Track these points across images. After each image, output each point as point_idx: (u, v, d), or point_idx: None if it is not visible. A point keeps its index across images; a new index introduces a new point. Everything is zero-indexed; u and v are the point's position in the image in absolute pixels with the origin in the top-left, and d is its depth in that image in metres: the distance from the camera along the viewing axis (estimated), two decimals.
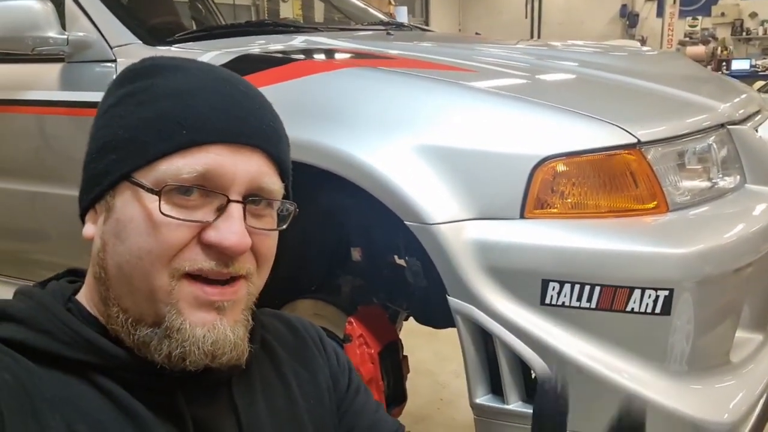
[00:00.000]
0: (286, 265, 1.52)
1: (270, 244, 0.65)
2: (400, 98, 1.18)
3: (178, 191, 0.59)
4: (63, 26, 1.55)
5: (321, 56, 1.45)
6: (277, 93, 1.25)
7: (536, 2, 12.38)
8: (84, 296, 0.65)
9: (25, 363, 0.57)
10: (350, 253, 1.45)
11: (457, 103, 1.18)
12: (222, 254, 0.60)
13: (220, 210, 0.60)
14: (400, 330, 1.91)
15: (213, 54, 1.40)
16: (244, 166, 0.61)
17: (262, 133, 0.64)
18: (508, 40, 2.04)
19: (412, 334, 2.07)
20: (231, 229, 0.59)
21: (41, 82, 1.59)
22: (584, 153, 1.07)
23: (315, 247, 1.51)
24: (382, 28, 2.10)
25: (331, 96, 1.22)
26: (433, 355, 2.72)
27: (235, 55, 1.38)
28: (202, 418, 0.63)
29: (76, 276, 0.69)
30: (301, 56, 1.41)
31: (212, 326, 0.60)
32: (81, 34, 1.54)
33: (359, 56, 1.48)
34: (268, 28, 1.72)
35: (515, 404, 1.10)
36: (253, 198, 0.62)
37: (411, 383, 1.50)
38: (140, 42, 1.53)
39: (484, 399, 1.12)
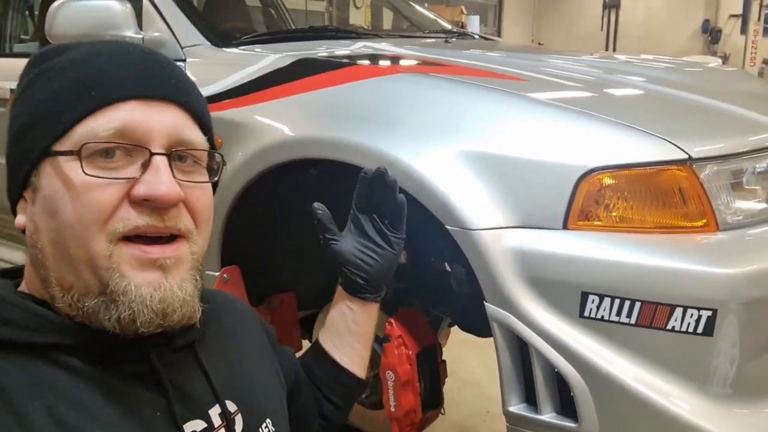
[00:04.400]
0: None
1: (205, 199, 0.66)
2: (449, 105, 1.20)
3: (99, 155, 0.59)
4: (139, 26, 1.65)
5: (376, 62, 1.48)
6: (331, 96, 1.31)
7: (613, 15, 12.08)
8: (26, 287, 0.65)
9: None
10: None
11: (505, 111, 1.18)
12: (155, 209, 0.60)
13: (145, 165, 0.60)
14: (447, 337, 1.92)
15: (274, 57, 1.46)
16: (160, 119, 0.62)
17: (172, 86, 0.64)
18: (575, 52, 2.01)
19: (462, 344, 2.07)
20: (158, 179, 0.60)
21: None
22: (632, 166, 1.05)
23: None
24: (442, 36, 2.12)
25: (381, 100, 1.25)
26: (482, 367, 2.69)
27: (295, 58, 1.43)
28: (177, 382, 0.65)
29: (4, 276, 0.68)
30: (357, 61, 1.44)
31: (158, 285, 0.60)
32: (155, 34, 1.63)
33: (413, 63, 1.50)
34: (330, 34, 1.78)
35: (548, 415, 1.09)
36: (177, 151, 0.63)
37: (458, 394, 1.50)
38: (208, 43, 1.61)
39: (517, 408, 1.12)
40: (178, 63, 1.59)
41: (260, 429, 0.73)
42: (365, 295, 1.00)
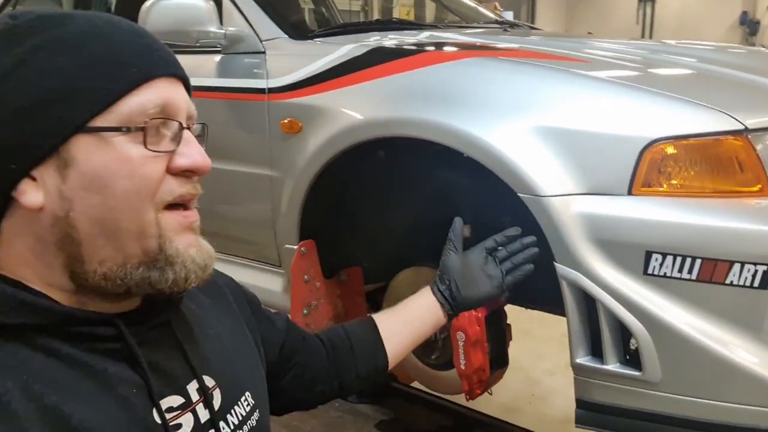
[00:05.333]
0: (402, 237, 1.70)
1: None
2: (519, 84, 1.31)
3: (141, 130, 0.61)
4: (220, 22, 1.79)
5: (445, 48, 1.60)
6: (408, 80, 1.43)
7: (649, 7, 11.97)
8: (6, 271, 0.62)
9: None
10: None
11: (572, 88, 1.29)
12: (189, 178, 0.65)
13: (176, 138, 0.64)
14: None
15: (350, 47, 1.59)
16: (182, 96, 0.66)
17: (177, 63, 0.68)
18: (623, 38, 2.11)
19: None
20: (194, 151, 0.65)
21: (202, 70, 1.84)
22: (692, 137, 1.15)
23: (429, 221, 1.66)
24: (498, 26, 2.23)
25: (456, 82, 1.36)
26: (528, 354, 2.78)
27: (370, 47, 1.56)
28: (154, 360, 0.65)
29: None
30: (428, 48, 1.56)
31: (198, 245, 0.66)
32: (236, 29, 1.77)
33: (480, 48, 1.62)
34: (396, 26, 1.90)
35: (614, 365, 1.19)
36: (192, 124, 0.68)
37: (505, 377, 1.61)
38: (286, 36, 1.75)
39: (584, 359, 1.22)
40: (258, 56, 1.74)
41: (239, 403, 0.73)
42: (447, 305, 1.12)
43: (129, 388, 0.62)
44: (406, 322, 1.09)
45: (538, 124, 1.23)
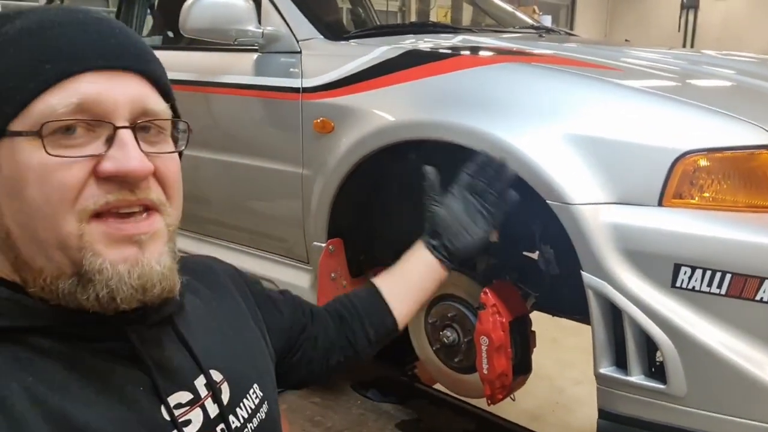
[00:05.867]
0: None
1: (174, 168, 0.63)
2: (551, 91, 1.31)
3: (61, 132, 0.56)
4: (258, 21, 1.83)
5: (480, 53, 1.60)
6: (440, 83, 1.44)
7: (691, 15, 11.73)
8: None
9: None
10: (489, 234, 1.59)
11: (604, 97, 1.28)
12: (124, 183, 0.58)
13: (110, 140, 0.57)
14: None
15: (384, 48, 1.60)
16: (122, 90, 0.59)
17: (131, 54, 0.61)
18: (660, 47, 2.08)
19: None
20: (127, 155, 0.57)
21: (239, 68, 1.87)
22: (726, 150, 1.13)
23: None
24: (534, 31, 2.22)
25: (487, 87, 1.37)
26: (554, 362, 2.76)
27: (404, 49, 1.57)
28: (158, 356, 0.64)
29: None
30: (462, 52, 1.57)
31: (135, 261, 0.58)
32: (273, 28, 1.80)
33: (514, 53, 1.62)
34: (431, 29, 1.91)
35: (637, 377, 1.18)
36: (142, 123, 0.60)
37: (529, 384, 1.60)
38: (321, 37, 1.77)
39: (608, 370, 1.21)
40: (294, 55, 1.77)
41: (247, 396, 0.72)
42: (443, 259, 1.08)
43: (135, 388, 0.61)
44: (407, 282, 1.07)
45: (569, 131, 1.23)
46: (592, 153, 1.20)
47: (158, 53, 0.67)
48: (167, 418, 0.61)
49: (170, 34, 2.58)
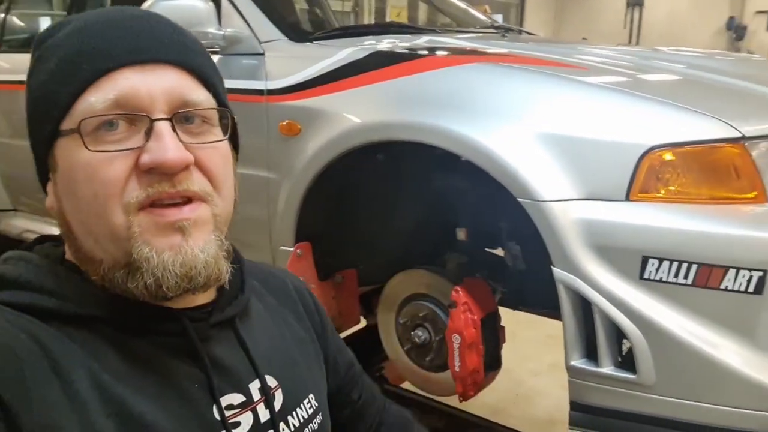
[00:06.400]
0: (401, 239, 1.71)
1: (218, 159, 0.64)
2: (520, 90, 1.33)
3: (104, 128, 0.58)
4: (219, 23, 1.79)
5: (446, 53, 1.61)
6: (408, 84, 1.44)
7: (636, 13, 12.09)
8: (69, 257, 0.65)
9: (38, 323, 0.57)
10: (457, 232, 1.61)
11: (572, 95, 1.31)
12: (164, 175, 0.58)
13: (148, 132, 0.59)
14: None
15: (350, 50, 1.60)
16: (158, 82, 0.60)
17: (165, 46, 0.62)
18: (614, 45, 2.14)
19: None
20: (162, 145, 0.58)
21: None
22: (690, 144, 1.17)
23: (427, 224, 1.68)
24: (495, 31, 2.25)
25: (456, 87, 1.38)
26: (512, 354, 2.81)
27: (371, 50, 1.57)
28: (216, 356, 0.65)
29: (49, 241, 0.68)
30: (429, 53, 1.58)
31: (179, 248, 0.59)
32: (234, 30, 1.77)
33: (481, 53, 1.64)
34: (394, 30, 1.91)
35: (608, 368, 1.20)
36: (180, 113, 0.60)
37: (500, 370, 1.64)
38: (285, 38, 1.75)
39: (579, 362, 1.24)
40: (257, 57, 1.74)
41: (302, 404, 0.72)
42: None
43: (191, 384, 0.62)
44: None
45: (538, 129, 1.25)
46: (561, 150, 1.22)
47: None
48: (218, 417, 0.62)
49: None
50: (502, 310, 1.73)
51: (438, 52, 1.58)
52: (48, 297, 0.59)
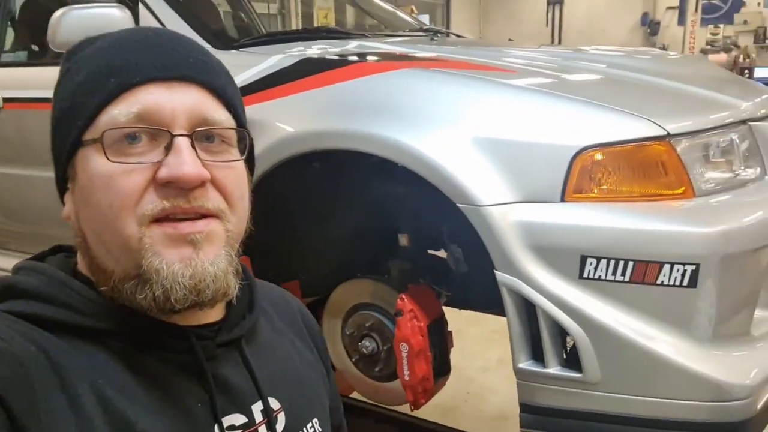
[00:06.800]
0: (342, 249, 1.68)
1: (234, 178, 0.65)
2: (454, 95, 1.32)
3: (125, 141, 0.60)
4: None
5: (377, 59, 1.59)
6: (340, 91, 1.41)
7: (557, 11, 12.49)
8: (81, 269, 0.66)
9: (47, 335, 0.58)
10: (399, 239, 1.59)
11: (504, 98, 1.31)
12: (180, 190, 0.60)
13: (168, 147, 0.60)
14: None
15: (277, 57, 1.55)
16: (180, 99, 0.62)
17: (190, 65, 0.64)
18: (533, 45, 2.18)
19: None
20: (181, 161, 0.59)
21: None
22: (619, 144, 1.19)
23: (368, 232, 1.65)
24: (424, 34, 2.25)
25: (390, 93, 1.36)
26: (460, 353, 2.84)
27: (299, 58, 1.53)
28: (221, 375, 0.66)
29: (62, 251, 0.69)
30: (359, 59, 1.55)
31: (189, 260, 0.60)
32: None
33: (412, 59, 1.62)
34: (322, 35, 1.88)
35: (555, 368, 1.22)
36: (200, 130, 0.62)
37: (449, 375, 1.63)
38: (209, 46, 1.68)
39: (526, 364, 1.24)
40: None
41: (305, 428, 0.73)
42: None
43: (194, 402, 0.62)
44: None
45: (472, 134, 1.25)
46: (496, 154, 1.22)
47: (20, 71, 0.67)
48: None
49: (35, 48, 2.37)
50: (447, 309, 1.73)
51: (369, 58, 1.56)
52: (58, 309, 0.60)
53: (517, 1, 13.76)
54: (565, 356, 1.24)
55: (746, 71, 9.97)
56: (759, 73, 9.83)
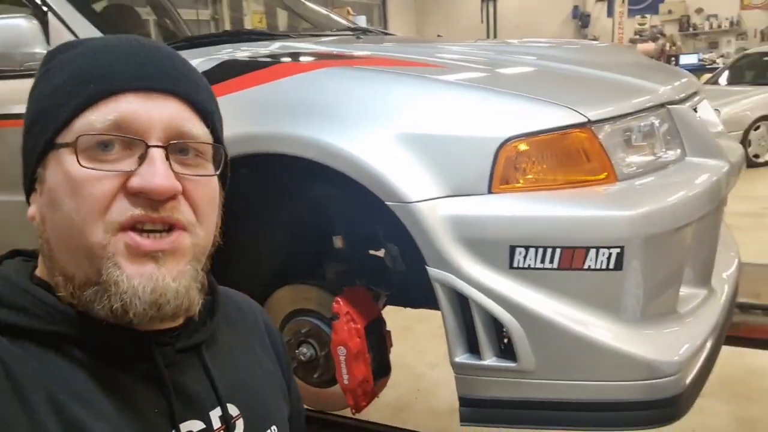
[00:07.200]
0: (276, 255, 1.64)
1: (206, 192, 0.65)
2: (377, 93, 1.31)
3: (98, 148, 0.60)
4: (48, 41, 1.63)
5: (300, 59, 1.56)
6: (264, 93, 1.38)
7: (491, 7, 12.71)
8: (40, 273, 0.65)
9: (2, 341, 0.57)
10: (333, 241, 1.57)
11: (428, 94, 1.30)
12: (150, 200, 0.60)
13: (142, 157, 0.60)
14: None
15: (198, 61, 1.50)
16: (158, 111, 0.61)
17: (172, 78, 0.64)
18: (469, 40, 2.19)
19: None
20: (153, 171, 0.59)
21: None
22: (542, 133, 1.20)
23: (302, 236, 1.62)
24: (351, 33, 2.23)
25: (313, 93, 1.33)
26: (409, 349, 2.84)
27: (219, 60, 1.49)
28: (180, 383, 0.65)
29: (21, 255, 0.69)
30: (282, 59, 1.52)
31: (150, 276, 0.59)
32: None
33: (336, 57, 1.60)
34: (245, 37, 1.83)
35: (490, 360, 1.22)
36: (176, 143, 0.62)
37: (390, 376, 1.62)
38: None
39: (462, 358, 1.24)
40: None
41: None
42: None
43: (151, 409, 0.62)
44: None
45: (399, 131, 1.23)
46: (423, 150, 1.21)
47: None
48: None
49: None
50: (394, 308, 1.72)
51: (292, 58, 1.53)
52: (12, 312, 0.59)
53: None
54: (502, 348, 1.24)
55: (673, 58, 10.38)
56: (684, 59, 10.26)
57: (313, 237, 1.62)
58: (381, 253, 1.63)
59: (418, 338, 2.86)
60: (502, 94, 1.27)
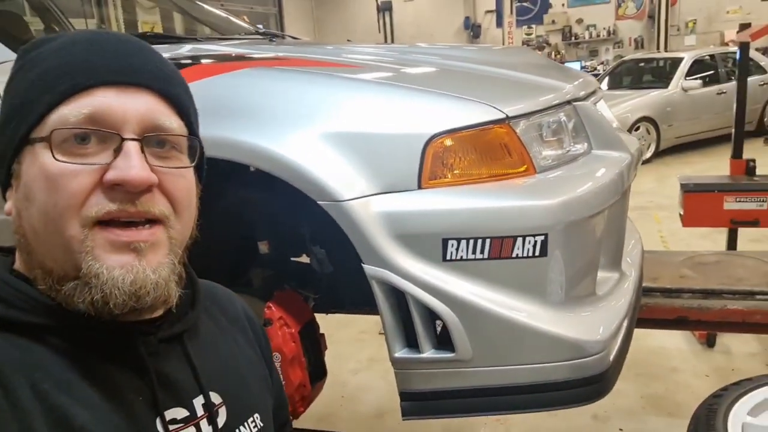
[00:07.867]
0: (197, 262, 1.59)
1: (183, 185, 0.65)
2: (301, 93, 1.30)
3: (74, 141, 0.60)
4: None
5: (215, 60, 1.53)
6: None
7: (387, 17, 12.95)
8: (19, 267, 0.66)
9: None
10: (257, 246, 1.54)
11: (353, 93, 1.32)
12: (127, 193, 0.60)
13: (117, 150, 0.60)
14: None
15: None
16: (133, 104, 0.62)
17: (147, 72, 0.64)
18: (376, 44, 2.23)
19: None
20: (129, 164, 0.60)
21: None
22: (465, 129, 1.24)
23: (222, 242, 1.58)
24: (261, 37, 2.20)
25: (235, 94, 1.31)
26: (331, 358, 2.83)
27: None
28: (163, 372, 0.66)
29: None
30: (198, 61, 1.48)
31: (130, 267, 0.60)
32: None
33: (252, 58, 1.58)
34: (150, 40, 1.76)
35: (429, 353, 1.24)
36: (150, 136, 0.62)
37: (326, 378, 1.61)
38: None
39: (402, 353, 1.26)
40: None
41: (245, 423, 0.73)
42: None
43: (135, 396, 0.63)
44: None
45: (327, 130, 1.24)
46: (352, 148, 1.22)
47: None
48: (161, 430, 0.64)
49: None
50: (317, 316, 1.70)
51: (205, 60, 1.49)
52: None
53: (349, 9, 14.07)
54: (438, 341, 1.26)
55: None
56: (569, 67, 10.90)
57: (237, 243, 1.58)
58: (304, 258, 1.62)
59: (339, 345, 2.85)
60: (425, 93, 1.31)
